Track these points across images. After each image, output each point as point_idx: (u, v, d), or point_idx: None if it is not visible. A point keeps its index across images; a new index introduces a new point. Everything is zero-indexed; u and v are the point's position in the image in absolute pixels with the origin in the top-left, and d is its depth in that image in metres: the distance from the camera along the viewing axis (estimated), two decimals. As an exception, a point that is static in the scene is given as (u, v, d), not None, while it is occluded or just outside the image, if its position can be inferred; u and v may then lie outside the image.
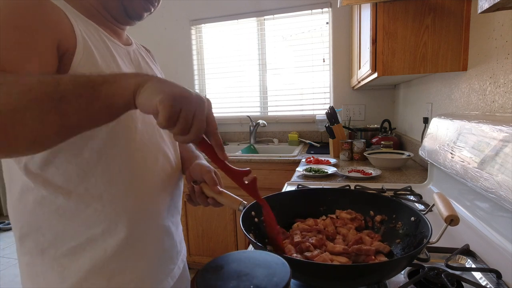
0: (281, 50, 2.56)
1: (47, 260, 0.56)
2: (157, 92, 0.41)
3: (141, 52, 0.73)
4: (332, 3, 2.33)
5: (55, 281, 0.56)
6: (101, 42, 0.58)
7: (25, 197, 0.55)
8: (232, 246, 2.08)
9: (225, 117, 2.72)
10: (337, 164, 1.66)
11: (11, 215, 0.59)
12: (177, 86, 0.43)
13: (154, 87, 0.42)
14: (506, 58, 0.85)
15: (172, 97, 0.41)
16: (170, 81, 0.44)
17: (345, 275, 0.48)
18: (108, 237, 0.57)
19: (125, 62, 0.63)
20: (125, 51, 0.65)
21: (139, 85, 0.43)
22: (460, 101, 1.16)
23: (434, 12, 1.12)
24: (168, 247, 0.69)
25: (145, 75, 0.45)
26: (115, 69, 0.58)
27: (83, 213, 0.56)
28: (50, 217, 0.55)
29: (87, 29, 0.55)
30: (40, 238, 0.56)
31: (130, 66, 0.64)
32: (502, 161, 0.64)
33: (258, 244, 0.52)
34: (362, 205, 0.71)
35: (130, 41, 0.71)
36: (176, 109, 0.41)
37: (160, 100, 0.40)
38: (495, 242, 0.71)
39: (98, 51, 0.55)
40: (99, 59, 0.54)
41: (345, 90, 2.42)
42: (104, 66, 0.55)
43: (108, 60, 0.57)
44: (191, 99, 0.43)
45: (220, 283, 0.29)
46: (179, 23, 2.69)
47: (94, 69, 0.53)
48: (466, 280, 0.53)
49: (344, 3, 1.16)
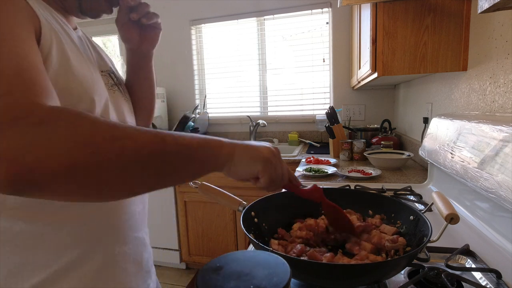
0: (281, 50, 2.56)
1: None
2: (253, 161, 0.46)
3: (87, 36, 0.64)
4: (332, 3, 2.33)
5: None
6: (61, 27, 0.50)
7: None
8: (232, 246, 2.08)
9: (225, 117, 2.72)
10: (337, 164, 1.66)
11: None
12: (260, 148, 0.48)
13: (247, 156, 0.46)
14: (506, 58, 0.85)
15: (269, 163, 0.47)
16: (250, 143, 0.48)
17: (345, 275, 0.48)
18: (85, 262, 0.49)
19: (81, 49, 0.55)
20: (76, 36, 0.56)
21: (230, 155, 0.45)
22: (460, 101, 1.16)
23: (434, 12, 1.12)
24: (146, 260, 0.63)
25: (228, 142, 0.46)
26: (79, 55, 0.51)
27: (52, 239, 0.46)
28: (6, 248, 0.44)
29: (48, 13, 0.48)
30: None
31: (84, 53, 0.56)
32: (502, 161, 0.64)
33: (258, 244, 0.52)
34: (361, 205, 0.72)
35: (74, 24, 0.60)
36: (273, 172, 0.48)
37: (262, 168, 0.46)
38: (495, 242, 0.71)
39: (64, 38, 0.49)
40: (66, 48, 0.48)
41: (345, 90, 2.42)
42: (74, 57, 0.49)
43: (74, 50, 0.51)
44: (276, 154, 0.49)
45: (220, 283, 0.29)
46: (179, 23, 2.69)
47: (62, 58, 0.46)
48: (466, 280, 0.53)
49: (344, 3, 1.16)
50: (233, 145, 0.46)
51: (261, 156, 0.47)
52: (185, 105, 2.75)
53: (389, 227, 0.64)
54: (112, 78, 0.62)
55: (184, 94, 2.77)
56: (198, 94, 2.78)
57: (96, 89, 0.51)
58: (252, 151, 0.47)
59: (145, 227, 0.65)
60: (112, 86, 0.61)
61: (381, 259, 0.56)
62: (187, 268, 2.28)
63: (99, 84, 0.54)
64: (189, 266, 2.29)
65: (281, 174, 0.50)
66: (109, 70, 0.63)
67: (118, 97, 0.61)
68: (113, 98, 0.59)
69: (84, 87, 0.49)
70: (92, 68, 0.55)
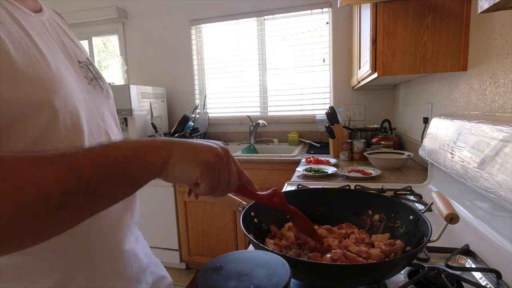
0: (281, 50, 2.56)
1: None
2: (193, 164, 0.39)
3: (57, 20, 0.54)
4: (332, 3, 2.33)
5: None
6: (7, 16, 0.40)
7: None
8: (232, 246, 2.08)
9: (225, 117, 2.72)
10: (337, 164, 1.66)
11: None
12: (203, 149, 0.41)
13: (186, 159, 0.39)
14: (506, 58, 0.85)
15: (210, 168, 0.40)
16: (193, 143, 0.41)
17: (345, 275, 0.48)
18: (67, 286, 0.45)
19: (43, 38, 0.45)
20: (39, 21, 0.47)
21: (165, 159, 0.39)
22: (460, 101, 1.16)
23: (434, 12, 1.12)
24: (136, 270, 0.58)
25: (165, 143, 0.40)
26: (35, 51, 0.41)
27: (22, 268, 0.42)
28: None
29: None
30: None
31: (50, 42, 0.47)
32: (502, 161, 0.64)
33: (258, 244, 0.52)
34: (361, 205, 0.72)
35: (38, 5, 0.50)
36: (215, 178, 0.41)
37: (200, 173, 0.40)
38: (495, 242, 0.71)
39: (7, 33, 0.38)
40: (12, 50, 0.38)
41: (345, 90, 2.42)
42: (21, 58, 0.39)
43: (25, 46, 0.40)
44: (223, 157, 0.42)
45: (220, 283, 0.29)
46: (179, 23, 2.69)
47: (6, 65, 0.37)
48: (466, 280, 0.53)
49: (344, 3, 1.16)
50: (170, 147, 0.39)
51: (200, 160, 0.40)
52: (185, 105, 2.75)
53: (381, 235, 0.63)
54: (91, 70, 0.55)
55: (184, 94, 2.77)
56: (198, 94, 2.78)
57: (59, 91, 0.42)
58: (190, 153, 0.40)
59: (133, 234, 0.60)
60: (91, 80, 0.54)
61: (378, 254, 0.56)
62: (187, 268, 2.28)
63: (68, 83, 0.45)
64: (189, 266, 2.29)
65: (225, 181, 0.43)
66: (87, 62, 0.55)
67: (97, 94, 0.54)
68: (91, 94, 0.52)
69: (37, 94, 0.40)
70: (60, 60, 0.47)
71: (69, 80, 0.46)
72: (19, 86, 0.38)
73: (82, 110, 0.47)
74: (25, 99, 0.38)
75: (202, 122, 2.57)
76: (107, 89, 0.58)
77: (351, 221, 0.69)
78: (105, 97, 0.57)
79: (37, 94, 0.40)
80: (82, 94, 0.49)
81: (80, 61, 0.53)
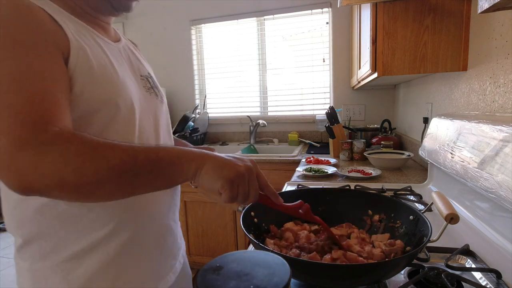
0: (281, 50, 2.56)
1: (50, 265, 0.56)
2: (216, 177, 0.48)
3: (130, 47, 0.72)
4: (332, 3, 2.33)
5: (59, 286, 0.56)
6: (93, 41, 0.57)
7: (23, 205, 0.55)
8: (232, 246, 2.08)
9: (225, 117, 2.72)
10: (337, 164, 1.66)
11: (8, 223, 0.59)
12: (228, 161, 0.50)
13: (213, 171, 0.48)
14: (506, 58, 0.85)
15: (230, 182, 0.48)
16: (223, 158, 0.50)
17: (345, 275, 0.48)
18: (111, 240, 0.58)
19: (118, 60, 0.62)
20: (116, 48, 0.64)
21: (198, 168, 0.49)
22: (460, 101, 1.16)
23: (434, 12, 1.12)
24: (170, 244, 0.71)
25: (202, 155, 0.50)
26: (111, 70, 0.58)
27: (85, 218, 0.56)
28: (52, 223, 0.55)
29: (77, 29, 0.55)
30: (42, 244, 0.56)
31: (123, 65, 0.64)
32: (502, 161, 0.64)
33: (258, 244, 0.52)
34: (361, 205, 0.72)
35: (118, 36, 0.70)
36: (235, 191, 0.49)
37: (222, 186, 0.48)
38: (495, 242, 0.71)
39: (92, 52, 0.55)
40: (94, 62, 0.54)
41: (345, 90, 2.42)
42: (99, 67, 0.55)
43: (103, 61, 0.57)
44: (244, 173, 0.49)
45: (220, 283, 0.29)
46: (179, 23, 2.69)
47: (88, 71, 0.53)
48: (466, 280, 0.53)
49: (344, 3, 1.16)
50: (204, 159, 0.49)
51: (223, 174, 0.48)
52: (185, 105, 2.75)
53: (381, 235, 0.64)
54: (150, 82, 0.72)
55: (184, 94, 2.77)
56: (198, 94, 2.78)
57: (122, 94, 0.58)
58: (217, 167, 0.48)
59: (173, 215, 0.73)
60: (149, 89, 0.70)
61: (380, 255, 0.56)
62: (187, 268, 2.28)
63: (131, 90, 0.61)
64: (189, 266, 2.29)
65: (244, 193, 0.50)
66: (147, 75, 0.72)
67: (153, 99, 0.70)
68: (148, 101, 0.68)
69: (107, 94, 0.56)
70: (128, 75, 0.64)
71: (130, 87, 0.62)
72: (97, 87, 0.54)
73: (137, 109, 0.61)
74: (97, 97, 0.54)
75: (202, 122, 2.57)
76: (161, 96, 0.75)
77: (351, 221, 0.69)
78: (159, 102, 0.73)
79: (107, 93, 0.55)
80: (139, 98, 0.64)
81: (142, 75, 0.70)
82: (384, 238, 0.62)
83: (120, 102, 0.57)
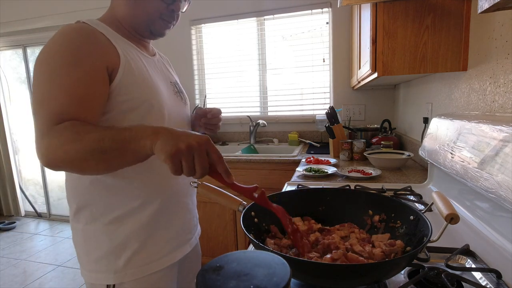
0: (281, 50, 2.56)
1: (99, 227, 0.74)
2: (161, 151, 0.53)
3: (162, 60, 0.93)
4: (332, 3, 2.33)
5: (105, 242, 0.74)
6: (136, 56, 0.77)
7: (82, 179, 0.73)
8: (232, 246, 2.08)
9: (225, 117, 2.72)
10: (337, 164, 1.66)
11: (69, 192, 0.77)
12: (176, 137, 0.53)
13: (161, 145, 0.53)
14: (506, 58, 0.85)
15: (171, 156, 0.52)
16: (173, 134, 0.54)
17: (345, 275, 0.48)
18: (144, 209, 0.75)
19: (153, 70, 0.81)
20: (152, 61, 0.84)
21: (152, 144, 0.54)
22: (460, 101, 1.16)
23: (434, 12, 1.12)
24: (187, 220, 0.88)
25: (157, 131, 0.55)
26: (148, 77, 0.76)
27: (127, 189, 0.74)
28: (101, 193, 0.73)
29: (126, 47, 0.74)
30: (93, 209, 0.74)
31: (157, 73, 0.83)
32: (502, 161, 0.64)
33: (258, 244, 0.52)
34: (361, 205, 0.72)
35: (154, 51, 0.91)
36: (177, 163, 0.53)
37: (164, 159, 0.53)
38: (495, 242, 0.71)
39: (135, 64, 0.74)
40: (135, 71, 0.73)
41: (345, 90, 2.42)
42: (139, 75, 0.74)
43: (142, 71, 0.75)
44: (186, 148, 0.52)
45: (220, 283, 0.29)
46: (179, 23, 2.68)
47: (132, 78, 0.71)
48: (466, 280, 0.53)
49: (344, 3, 1.16)
50: (157, 135, 0.54)
51: (166, 148, 0.52)
52: (185, 105, 2.75)
53: (381, 235, 0.64)
54: (176, 87, 0.91)
55: (184, 94, 2.77)
56: (198, 94, 2.78)
57: (156, 96, 0.76)
58: (165, 143, 0.53)
59: (190, 196, 0.89)
60: (176, 93, 0.89)
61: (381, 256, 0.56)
62: (187, 268, 2.28)
63: (162, 93, 0.79)
64: (189, 266, 2.29)
65: (189, 167, 0.53)
66: (175, 82, 0.92)
67: (179, 101, 0.89)
68: (175, 102, 0.86)
69: (144, 96, 0.73)
70: (160, 81, 0.82)
71: (162, 91, 0.80)
72: (137, 90, 0.72)
73: (166, 109, 0.79)
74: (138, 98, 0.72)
75: (202, 122, 2.57)
76: (185, 99, 0.95)
77: (351, 221, 0.69)
78: (183, 103, 0.92)
79: (143, 95, 0.73)
80: (169, 100, 0.82)
81: (171, 82, 0.90)
82: (384, 238, 0.62)
83: (154, 102, 0.74)
